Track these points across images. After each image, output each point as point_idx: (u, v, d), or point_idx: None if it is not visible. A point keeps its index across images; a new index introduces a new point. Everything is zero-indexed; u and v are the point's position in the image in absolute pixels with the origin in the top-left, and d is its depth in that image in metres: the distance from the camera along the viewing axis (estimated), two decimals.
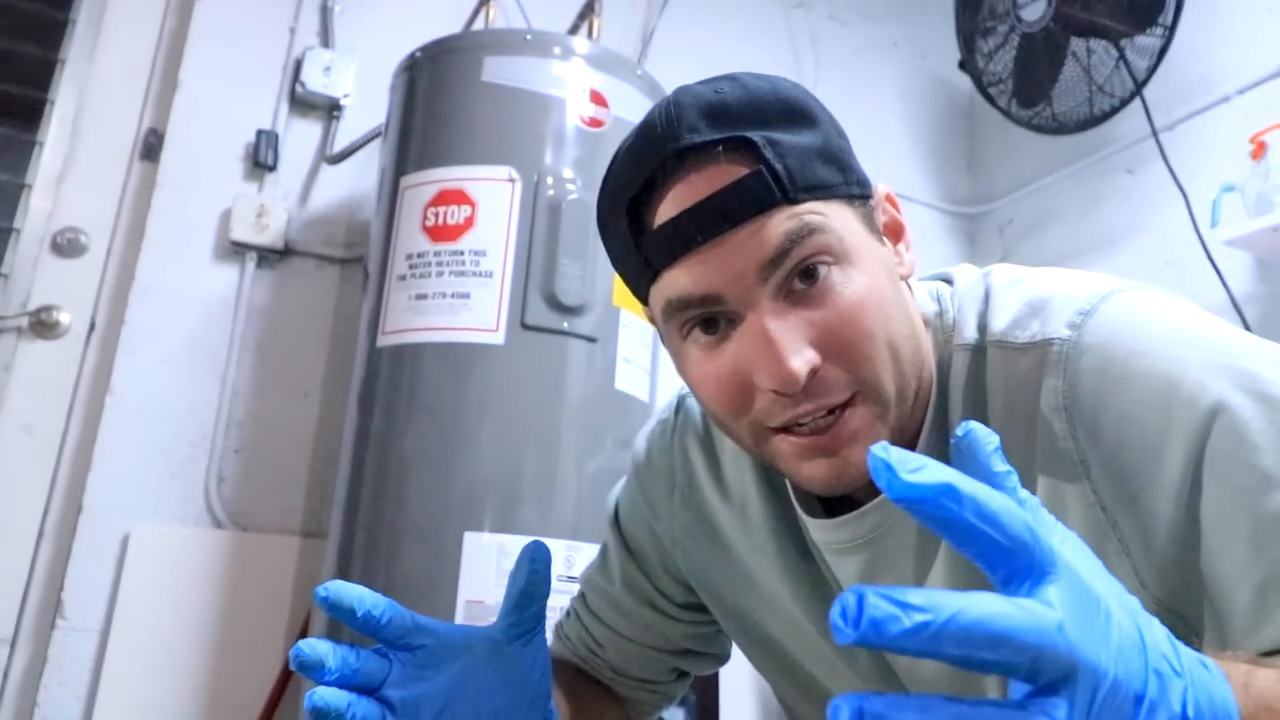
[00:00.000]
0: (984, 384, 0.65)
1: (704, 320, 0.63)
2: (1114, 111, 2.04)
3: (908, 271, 0.68)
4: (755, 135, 0.61)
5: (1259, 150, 1.86)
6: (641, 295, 0.67)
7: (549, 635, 0.96)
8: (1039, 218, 2.49)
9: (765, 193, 0.59)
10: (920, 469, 0.34)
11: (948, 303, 0.70)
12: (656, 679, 0.90)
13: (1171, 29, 1.92)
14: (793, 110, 0.63)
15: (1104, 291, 0.63)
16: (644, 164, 0.63)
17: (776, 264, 0.60)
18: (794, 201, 0.60)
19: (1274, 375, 0.57)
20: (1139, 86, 1.97)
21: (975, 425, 0.43)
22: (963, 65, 2.23)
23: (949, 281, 0.72)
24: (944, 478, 0.34)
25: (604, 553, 0.89)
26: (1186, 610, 0.58)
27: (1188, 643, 0.55)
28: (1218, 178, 1.98)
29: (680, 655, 0.89)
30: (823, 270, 0.60)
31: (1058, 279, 0.66)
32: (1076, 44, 2.02)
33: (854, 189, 0.64)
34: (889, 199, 0.69)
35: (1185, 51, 2.07)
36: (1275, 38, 2.00)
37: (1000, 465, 0.41)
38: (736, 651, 0.90)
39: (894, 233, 0.69)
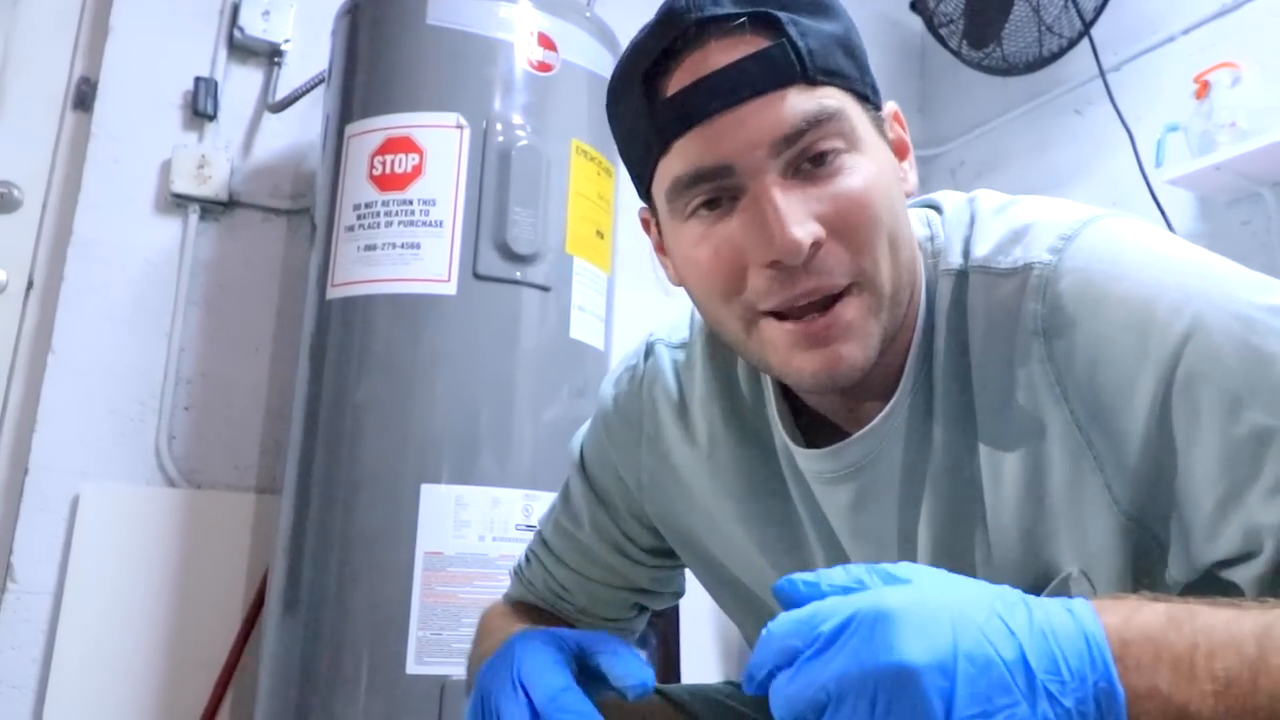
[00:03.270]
0: (965, 308, 0.65)
1: (708, 196, 0.62)
2: (1062, 52, 2.03)
3: (910, 188, 0.68)
4: (780, 13, 0.60)
5: (1202, 90, 1.87)
6: (647, 175, 0.66)
7: (508, 579, 0.97)
8: (990, 159, 2.49)
9: (786, 67, 0.59)
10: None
11: (938, 228, 0.70)
12: (620, 616, 0.91)
13: None
14: (817, 1, 0.63)
15: (1086, 218, 0.63)
16: (664, 33, 0.62)
17: (790, 142, 0.59)
18: (813, 82, 0.60)
19: (1249, 297, 0.57)
20: (1087, 26, 1.96)
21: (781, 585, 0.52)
22: (914, 6, 2.20)
23: (937, 209, 0.72)
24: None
25: (567, 498, 0.89)
26: (1154, 525, 0.59)
27: (1151, 553, 0.58)
28: (1163, 118, 1.99)
29: (642, 593, 0.90)
30: (833, 155, 0.60)
31: (1042, 206, 0.66)
32: None
33: (869, 90, 0.64)
34: (896, 117, 0.69)
35: None
36: None
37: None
38: (695, 589, 0.91)
39: (900, 150, 0.68)
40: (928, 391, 0.66)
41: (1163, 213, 1.93)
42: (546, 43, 1.60)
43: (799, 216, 0.58)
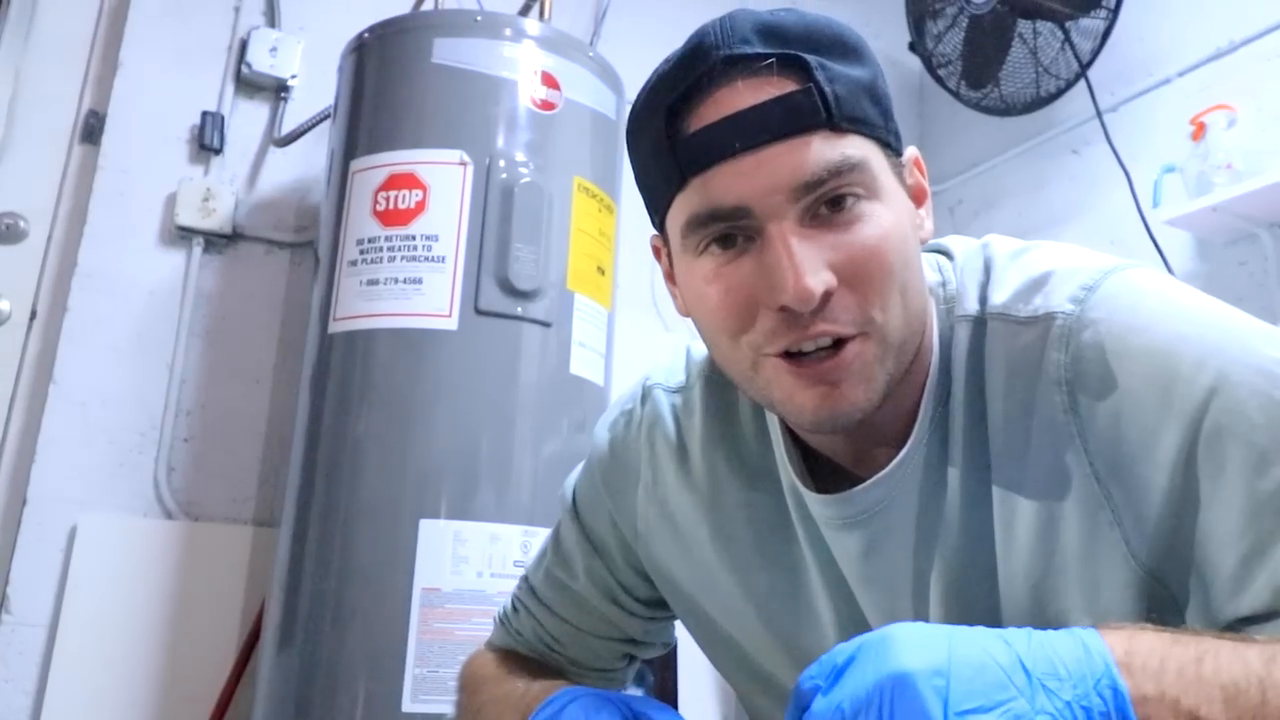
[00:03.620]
0: (983, 355, 0.65)
1: (723, 235, 0.61)
2: (1060, 93, 2.06)
3: (926, 236, 0.67)
4: (809, 57, 0.60)
5: (1198, 131, 1.89)
6: (663, 206, 0.66)
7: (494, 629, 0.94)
8: (987, 198, 2.51)
9: (812, 111, 0.59)
10: None
11: (949, 274, 0.69)
12: (612, 667, 0.89)
13: (1115, 11, 1.94)
14: (847, 45, 0.62)
15: (1106, 268, 0.63)
16: (692, 67, 0.61)
17: (810, 189, 0.59)
18: (838, 129, 0.59)
19: (1269, 352, 0.57)
20: (1084, 68, 1.98)
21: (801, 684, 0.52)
22: (913, 46, 2.23)
23: (946, 254, 0.72)
24: None
25: (558, 545, 0.86)
26: (1171, 579, 0.59)
27: (1166, 609, 0.58)
28: (1159, 158, 2.01)
29: (633, 644, 0.88)
30: (851, 200, 0.60)
31: (1058, 253, 0.66)
32: (1023, 26, 2.03)
33: (891, 137, 0.63)
34: (917, 163, 0.68)
35: (1128, 33, 2.10)
36: (1214, 20, 2.03)
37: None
38: None
39: (918, 196, 0.67)
40: (943, 438, 0.66)
41: (1160, 253, 1.94)
42: (550, 81, 1.62)
43: (813, 265, 0.58)
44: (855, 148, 0.60)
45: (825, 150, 0.59)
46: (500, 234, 1.51)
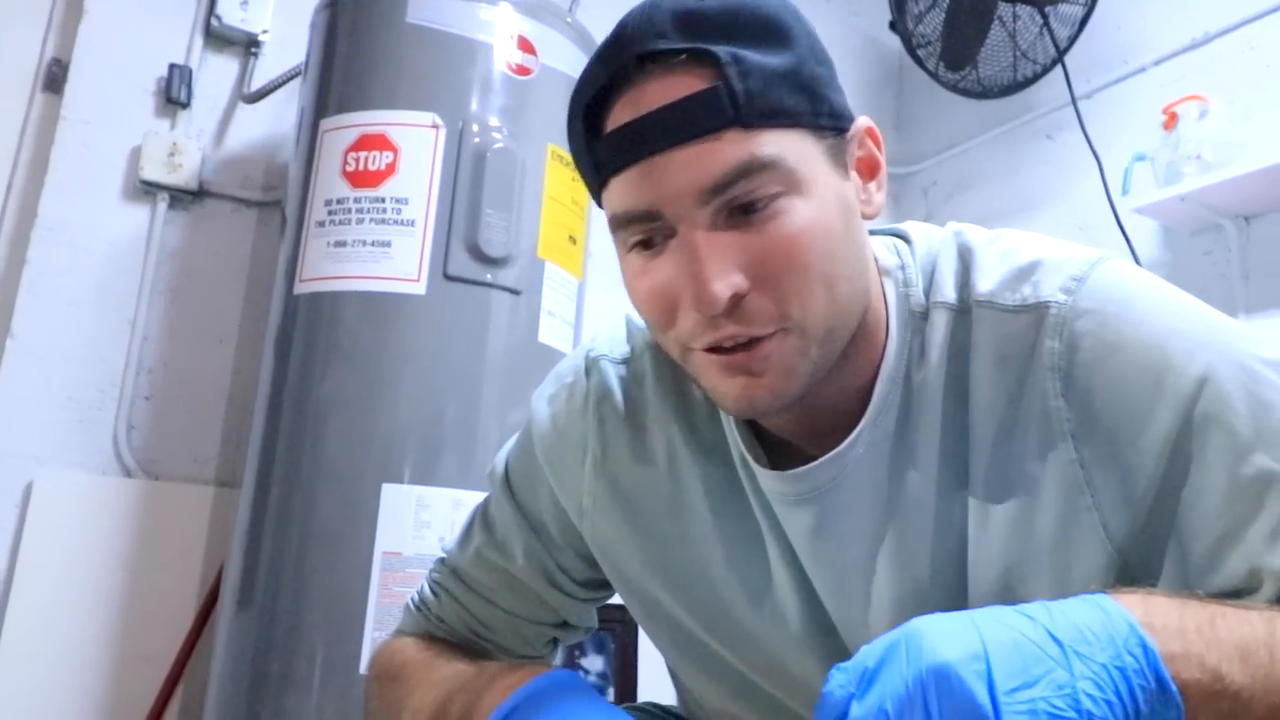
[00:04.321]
0: (968, 343, 0.65)
1: (643, 235, 0.61)
2: (1036, 78, 2.05)
3: (874, 211, 0.66)
4: (721, 49, 0.58)
5: (1170, 121, 1.90)
6: (597, 200, 0.65)
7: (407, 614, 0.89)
8: (962, 180, 2.51)
9: (718, 112, 0.57)
10: None
11: (908, 258, 0.69)
12: (539, 653, 0.87)
13: None
14: (771, 27, 0.60)
15: (1091, 259, 0.64)
16: (607, 65, 0.61)
17: (718, 191, 0.58)
18: (748, 126, 0.58)
19: (1248, 349, 0.60)
20: (1061, 54, 1.98)
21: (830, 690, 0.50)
22: (893, 25, 2.21)
23: (904, 238, 0.71)
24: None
25: (489, 525, 0.83)
26: (1142, 559, 0.61)
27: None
28: (1131, 146, 2.02)
29: (562, 628, 0.86)
30: (766, 200, 0.58)
31: (1035, 242, 0.66)
32: (1003, 9, 2.02)
33: (823, 119, 0.61)
34: (870, 133, 0.66)
35: (1106, 21, 2.09)
36: (1191, 10, 2.03)
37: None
38: None
39: (868, 168, 0.66)
40: (908, 423, 0.66)
41: (1128, 240, 1.95)
42: (526, 46, 1.59)
43: (720, 269, 0.58)
44: (769, 144, 0.58)
45: (733, 151, 0.57)
46: (471, 199, 1.49)
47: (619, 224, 0.62)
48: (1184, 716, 0.47)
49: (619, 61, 0.60)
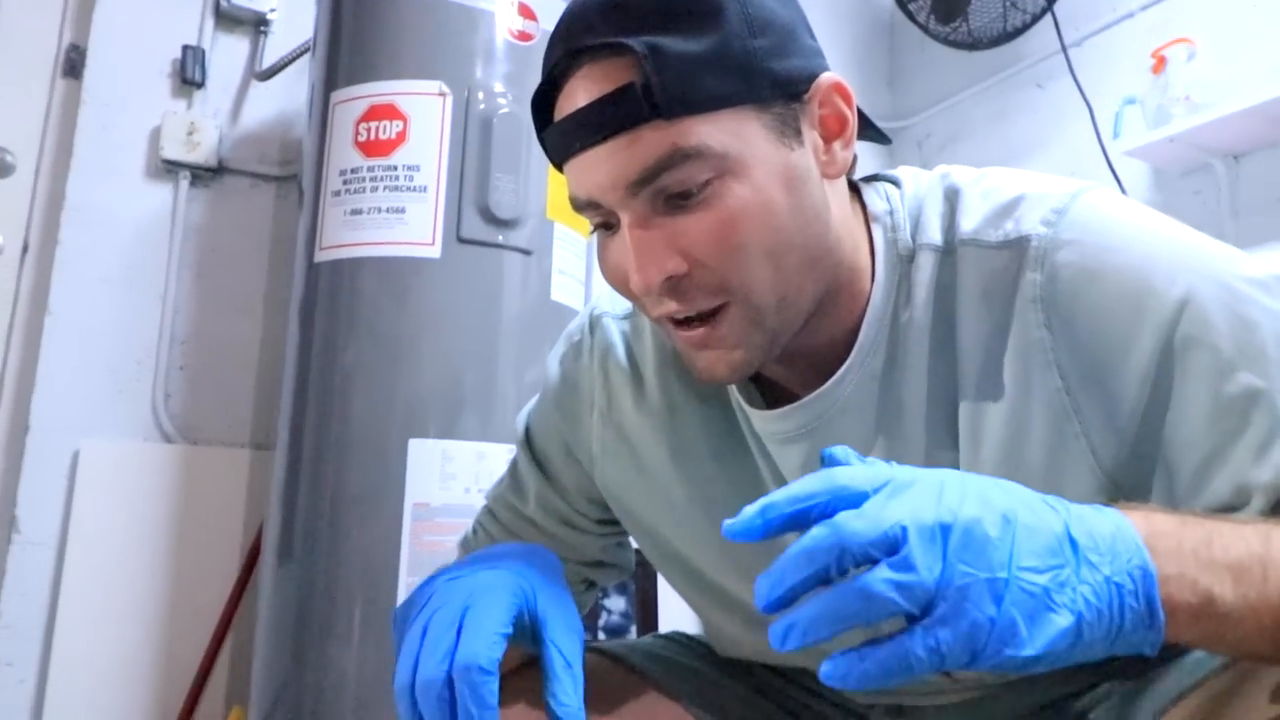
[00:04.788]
0: (954, 281, 0.64)
1: (603, 223, 0.62)
2: (1026, 27, 2.05)
3: (837, 170, 0.65)
4: (638, 42, 0.57)
5: (1159, 65, 1.89)
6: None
7: (456, 551, 0.92)
8: (954, 131, 2.50)
9: (636, 109, 0.57)
10: (755, 517, 0.48)
11: (898, 203, 0.68)
12: (574, 590, 0.86)
13: None
14: (697, 9, 0.58)
15: (1072, 191, 0.63)
16: (548, 60, 0.62)
17: (643, 184, 0.58)
18: (670, 117, 0.57)
19: (1231, 269, 0.59)
20: (1050, 3, 1.98)
21: (833, 451, 0.51)
22: None
23: (894, 183, 0.71)
24: (761, 506, 0.48)
25: (514, 473, 0.85)
26: (1131, 481, 0.61)
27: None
28: (1121, 91, 2.01)
29: (591, 567, 0.88)
30: (696, 188, 0.58)
31: (1020, 179, 0.65)
32: None
33: (764, 92, 0.60)
34: (837, 89, 0.64)
35: None
36: None
37: (851, 458, 0.51)
38: None
39: (835, 125, 0.64)
40: (896, 361, 0.66)
41: (1119, 183, 1.96)
42: (527, 12, 1.61)
43: (651, 255, 0.58)
44: (693, 134, 0.57)
45: (653, 144, 0.57)
46: (480, 164, 1.51)
47: (576, 208, 0.63)
48: (1164, 636, 0.47)
49: (554, 55, 0.61)
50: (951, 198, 0.67)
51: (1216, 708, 0.58)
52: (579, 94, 0.59)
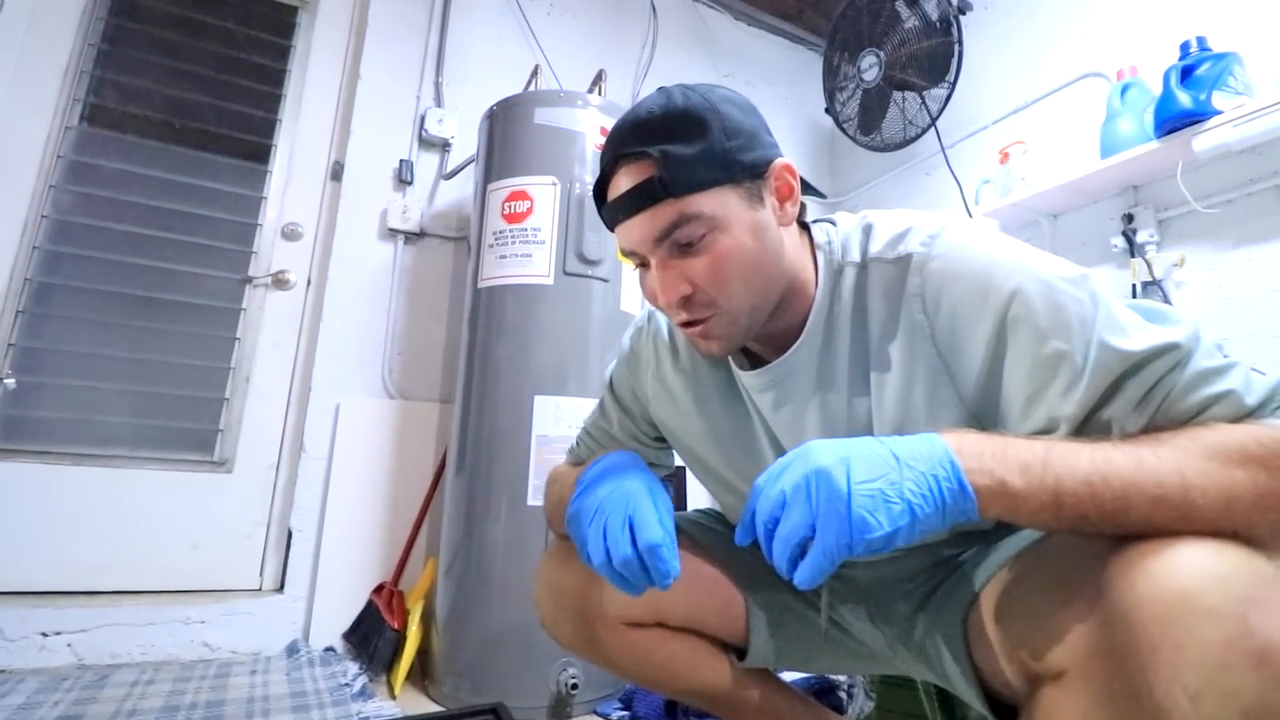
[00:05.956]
0: (866, 287, 0.61)
1: (641, 263, 0.61)
2: (917, 137, 1.91)
3: (787, 220, 0.62)
4: (655, 149, 0.56)
5: (1004, 157, 1.77)
6: None
7: (564, 458, 0.92)
8: (873, 203, 2.37)
9: (655, 193, 0.57)
10: (740, 535, 0.51)
11: (834, 235, 0.65)
12: None
13: (953, 85, 1.79)
14: (692, 124, 0.57)
15: (944, 223, 0.60)
16: (601, 161, 0.61)
17: (662, 240, 0.57)
18: (677, 196, 0.56)
19: (1050, 270, 0.54)
20: (933, 120, 1.84)
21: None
22: (827, 110, 2.09)
23: (832, 223, 0.68)
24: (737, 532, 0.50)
25: (602, 407, 0.83)
26: (983, 416, 0.57)
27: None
28: (979, 174, 1.89)
29: (651, 466, 0.85)
30: (697, 240, 0.57)
31: (911, 216, 0.62)
32: (896, 95, 1.89)
33: (737, 174, 0.58)
34: (786, 169, 0.62)
35: (961, 98, 1.95)
36: (1013, 90, 1.88)
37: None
38: None
39: (785, 192, 0.62)
40: (830, 339, 0.63)
41: None
42: (605, 133, 1.53)
43: (670, 284, 0.57)
44: (692, 205, 0.56)
45: (666, 214, 0.56)
46: (577, 226, 1.44)
47: (623, 255, 0.61)
48: (977, 506, 0.45)
49: (605, 160, 0.59)
50: (867, 230, 0.64)
51: (1021, 556, 0.57)
52: (621, 183, 0.59)
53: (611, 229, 0.61)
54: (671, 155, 0.56)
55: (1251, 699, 0.36)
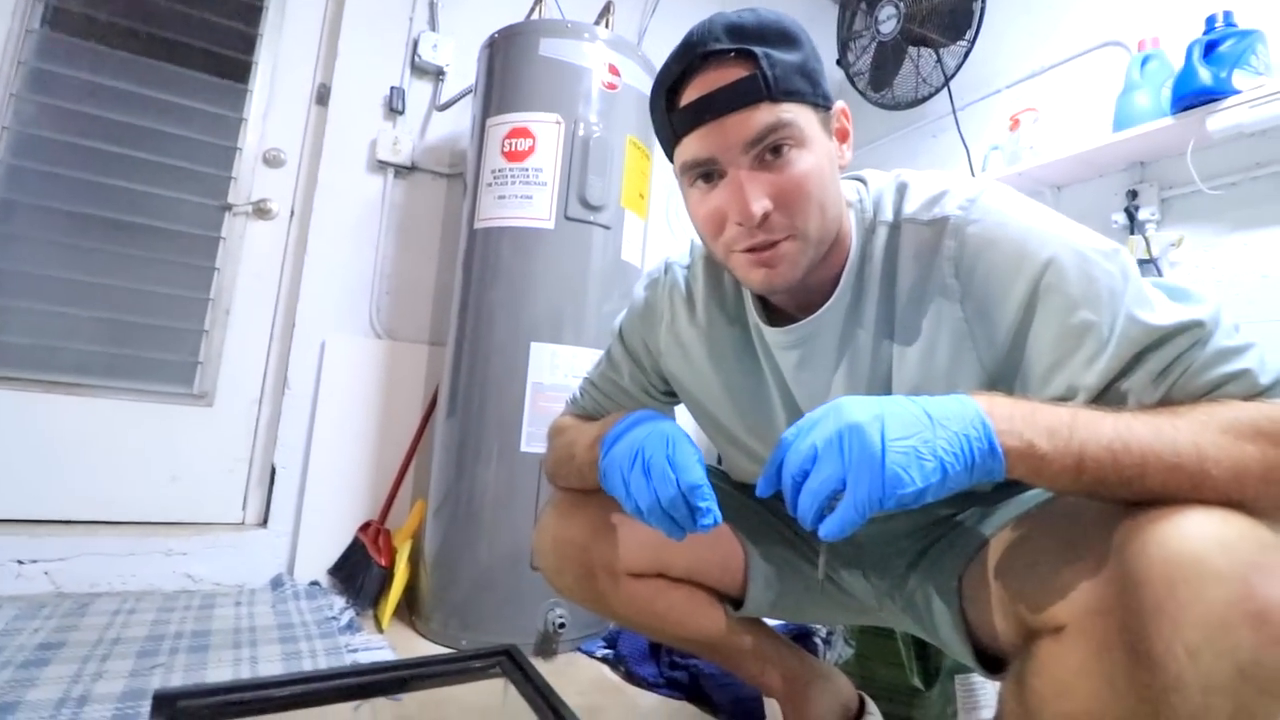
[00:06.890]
0: (898, 248, 0.60)
1: (704, 174, 0.58)
2: (929, 96, 1.86)
3: (845, 163, 0.62)
4: (758, 49, 0.54)
5: (1014, 124, 1.74)
6: (669, 153, 0.60)
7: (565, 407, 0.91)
8: (879, 165, 2.31)
9: (756, 91, 0.54)
10: (762, 486, 0.50)
11: (865, 193, 0.64)
12: None
13: (973, 42, 1.74)
14: (788, 36, 0.56)
15: (981, 186, 0.59)
16: (681, 60, 0.57)
17: (755, 143, 0.55)
18: (775, 100, 0.54)
19: (1083, 242, 0.54)
20: (948, 79, 1.80)
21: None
22: (838, 62, 2.03)
23: (863, 181, 0.66)
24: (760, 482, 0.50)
25: (610, 358, 0.81)
26: (1004, 380, 0.57)
27: None
28: (988, 140, 1.86)
29: None
30: (785, 149, 0.55)
31: (947, 178, 0.61)
32: (912, 50, 1.83)
33: (819, 99, 0.57)
34: (844, 113, 0.61)
35: (977, 59, 1.90)
36: (1030, 53, 1.83)
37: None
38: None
39: (842, 135, 0.62)
40: (860, 297, 0.62)
41: None
42: (613, 70, 1.46)
43: (756, 194, 0.55)
44: (788, 112, 0.55)
45: (765, 116, 0.54)
46: (580, 169, 1.39)
47: (688, 167, 0.57)
48: (1005, 466, 0.46)
49: (689, 57, 0.56)
50: (901, 190, 0.63)
51: (1025, 518, 0.58)
52: (710, 82, 0.55)
53: (681, 136, 0.57)
54: (774, 57, 0.54)
55: (1247, 655, 0.38)
